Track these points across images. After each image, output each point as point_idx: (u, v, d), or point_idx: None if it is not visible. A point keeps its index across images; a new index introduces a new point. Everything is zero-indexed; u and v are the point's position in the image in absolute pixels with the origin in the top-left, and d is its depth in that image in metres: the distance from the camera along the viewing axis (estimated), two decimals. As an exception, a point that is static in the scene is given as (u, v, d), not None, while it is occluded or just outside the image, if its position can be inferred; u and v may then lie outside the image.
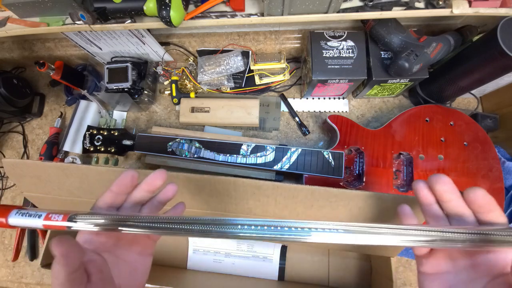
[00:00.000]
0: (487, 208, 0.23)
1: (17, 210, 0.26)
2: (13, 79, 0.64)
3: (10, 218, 0.25)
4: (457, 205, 0.24)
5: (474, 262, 0.24)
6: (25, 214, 0.25)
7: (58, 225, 0.24)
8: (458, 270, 0.24)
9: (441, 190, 0.24)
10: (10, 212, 0.25)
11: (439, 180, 0.24)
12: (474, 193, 0.23)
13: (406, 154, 0.55)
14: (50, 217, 0.25)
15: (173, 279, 0.56)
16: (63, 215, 0.25)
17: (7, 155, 0.71)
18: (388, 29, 0.50)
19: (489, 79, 0.51)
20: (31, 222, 0.25)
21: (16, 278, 0.64)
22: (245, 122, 0.63)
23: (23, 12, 0.46)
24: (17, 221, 0.25)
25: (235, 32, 0.63)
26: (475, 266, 0.24)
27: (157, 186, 0.29)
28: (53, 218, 0.25)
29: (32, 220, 0.25)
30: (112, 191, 0.27)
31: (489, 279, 0.22)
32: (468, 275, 0.24)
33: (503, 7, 0.41)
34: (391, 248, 0.44)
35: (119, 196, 0.27)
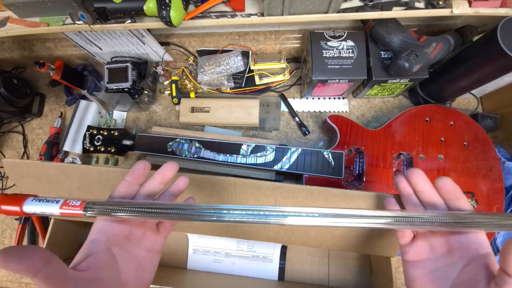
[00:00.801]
0: (455, 195, 0.27)
1: (33, 198, 0.26)
2: (13, 79, 0.64)
3: (25, 205, 0.25)
4: (430, 194, 0.28)
5: (450, 248, 0.27)
6: (42, 200, 0.25)
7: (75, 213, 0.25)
8: (437, 256, 0.27)
9: (415, 181, 0.28)
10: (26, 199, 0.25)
11: (414, 173, 0.29)
12: (442, 181, 0.27)
13: (406, 154, 0.55)
14: (68, 203, 0.25)
15: (173, 279, 0.56)
16: (80, 201, 0.25)
17: (7, 155, 0.71)
18: (388, 29, 0.50)
19: (489, 79, 0.51)
20: (48, 209, 0.25)
21: (16, 278, 0.64)
22: (245, 122, 0.63)
23: (23, 12, 0.46)
24: (32, 208, 0.25)
25: (235, 32, 0.63)
26: (451, 251, 0.26)
27: (169, 178, 0.30)
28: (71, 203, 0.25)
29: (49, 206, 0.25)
30: (126, 181, 0.28)
31: (465, 262, 0.25)
32: (446, 260, 0.26)
33: (503, 7, 0.41)
34: (391, 248, 0.44)
35: (133, 186, 0.29)
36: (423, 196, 0.28)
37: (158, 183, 0.29)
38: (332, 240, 0.44)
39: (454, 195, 0.27)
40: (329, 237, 0.44)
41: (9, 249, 0.20)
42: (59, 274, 0.21)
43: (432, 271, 0.27)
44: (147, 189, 0.29)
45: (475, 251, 0.25)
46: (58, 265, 0.21)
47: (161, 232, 0.31)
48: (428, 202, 0.28)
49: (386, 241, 0.43)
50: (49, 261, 0.21)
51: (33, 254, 0.20)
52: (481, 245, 0.25)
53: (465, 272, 0.24)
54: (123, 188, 0.28)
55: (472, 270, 0.24)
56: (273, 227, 0.43)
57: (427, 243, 0.28)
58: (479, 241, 0.25)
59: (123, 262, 0.27)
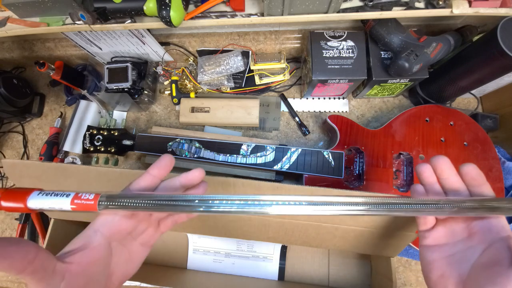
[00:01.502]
0: (479, 181, 0.27)
1: (39, 191, 0.23)
2: (13, 79, 0.64)
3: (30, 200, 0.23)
4: (454, 180, 0.28)
5: (470, 232, 0.27)
6: (50, 194, 0.23)
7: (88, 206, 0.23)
8: (456, 241, 0.27)
9: (442, 168, 0.28)
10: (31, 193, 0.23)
11: (441, 160, 0.29)
12: (467, 167, 0.27)
13: (406, 154, 0.55)
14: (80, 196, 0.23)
15: (173, 279, 0.56)
16: (94, 194, 0.23)
17: (7, 155, 0.71)
18: (388, 29, 0.50)
19: (489, 79, 0.51)
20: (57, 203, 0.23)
21: (16, 278, 0.64)
22: (245, 122, 0.63)
23: (23, 12, 0.46)
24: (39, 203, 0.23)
25: (235, 32, 0.63)
26: (471, 236, 0.26)
27: (193, 183, 0.29)
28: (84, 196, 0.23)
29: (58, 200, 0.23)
30: (150, 174, 0.28)
31: (486, 245, 0.25)
32: (466, 244, 0.27)
33: (503, 7, 0.41)
34: (391, 248, 0.44)
35: (156, 180, 0.28)
36: (447, 183, 0.28)
37: (181, 184, 0.29)
38: (332, 240, 0.44)
39: (478, 181, 0.27)
40: (329, 237, 0.44)
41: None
42: (44, 270, 0.20)
43: (451, 254, 0.27)
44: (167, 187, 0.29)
45: (496, 234, 0.25)
46: (45, 260, 0.21)
47: (161, 228, 0.31)
48: (451, 188, 0.28)
49: (386, 241, 0.43)
50: (35, 257, 0.20)
51: (16, 251, 0.19)
52: (503, 228, 0.25)
53: (486, 254, 0.24)
54: (144, 181, 0.27)
55: (494, 252, 0.24)
56: (272, 226, 0.43)
57: (447, 228, 0.28)
58: (500, 224, 0.26)
59: (116, 255, 0.26)
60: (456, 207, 0.25)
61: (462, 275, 0.25)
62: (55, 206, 0.23)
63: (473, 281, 0.24)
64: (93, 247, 0.24)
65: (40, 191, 0.24)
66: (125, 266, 0.28)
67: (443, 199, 0.25)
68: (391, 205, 0.25)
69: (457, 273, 0.25)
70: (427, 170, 0.29)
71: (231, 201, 0.24)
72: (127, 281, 0.55)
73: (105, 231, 0.26)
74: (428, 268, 0.28)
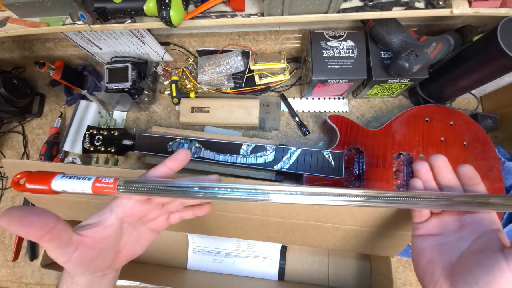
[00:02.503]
0: (475, 181, 0.28)
1: (63, 175, 0.25)
2: (13, 79, 0.64)
3: (54, 181, 0.24)
4: (450, 178, 0.30)
5: (462, 224, 0.28)
6: (73, 176, 0.25)
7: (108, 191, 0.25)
8: (448, 231, 0.29)
9: (439, 166, 0.30)
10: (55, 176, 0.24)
11: (438, 158, 0.30)
12: (465, 168, 0.29)
13: (406, 154, 0.55)
14: (100, 180, 0.25)
15: (173, 279, 0.56)
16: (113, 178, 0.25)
17: (7, 155, 0.71)
18: (388, 29, 0.50)
19: (489, 79, 0.51)
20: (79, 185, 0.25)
21: (16, 278, 0.64)
22: (245, 122, 0.63)
23: (23, 12, 0.46)
24: (62, 185, 0.24)
25: (235, 32, 0.63)
26: (463, 227, 0.28)
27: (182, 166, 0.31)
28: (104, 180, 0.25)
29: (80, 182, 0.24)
30: (167, 165, 0.30)
31: (476, 236, 0.26)
32: (457, 234, 0.28)
33: (503, 7, 0.41)
34: (391, 248, 0.44)
35: (170, 172, 0.30)
36: (443, 180, 0.30)
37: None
38: (332, 240, 0.44)
39: (473, 181, 0.28)
40: (329, 237, 0.44)
41: (13, 211, 0.21)
42: (61, 239, 0.23)
43: (442, 243, 0.28)
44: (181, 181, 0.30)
45: (487, 226, 0.26)
46: (62, 230, 0.23)
47: (170, 219, 0.32)
48: (446, 185, 0.30)
49: (386, 241, 0.43)
50: (54, 226, 0.22)
51: (36, 220, 0.21)
52: (494, 222, 0.27)
53: (475, 243, 0.26)
54: (160, 172, 0.29)
55: (484, 241, 0.25)
56: (272, 226, 0.43)
57: (440, 220, 0.30)
58: (491, 218, 0.27)
59: (126, 236, 0.29)
60: (450, 201, 0.26)
61: (451, 260, 0.26)
62: (77, 188, 0.25)
63: (461, 265, 0.25)
64: (106, 225, 0.27)
65: (63, 174, 0.25)
66: (132, 246, 0.30)
67: (438, 193, 0.27)
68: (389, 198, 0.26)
69: (447, 259, 0.27)
70: (424, 168, 0.31)
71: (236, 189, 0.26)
72: (127, 281, 0.55)
73: (119, 212, 0.28)
74: (418, 255, 0.29)
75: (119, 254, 0.29)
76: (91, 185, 0.25)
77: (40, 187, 0.24)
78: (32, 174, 0.25)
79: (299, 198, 0.26)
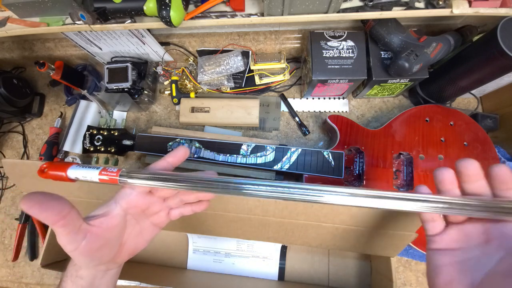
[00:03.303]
0: (509, 185, 0.23)
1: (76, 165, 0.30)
2: (13, 79, 0.64)
3: (69, 169, 0.29)
4: (480, 185, 0.24)
5: (488, 238, 0.24)
6: (84, 166, 0.29)
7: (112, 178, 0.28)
8: (471, 246, 0.25)
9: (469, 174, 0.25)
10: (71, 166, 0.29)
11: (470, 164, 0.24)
12: (499, 168, 0.23)
13: (406, 154, 0.55)
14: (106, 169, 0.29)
15: (173, 279, 0.56)
16: (117, 169, 0.29)
17: (7, 155, 0.71)
18: (388, 29, 0.50)
19: (489, 79, 0.51)
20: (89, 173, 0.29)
21: (16, 278, 0.64)
22: (245, 122, 0.63)
23: (23, 12, 0.46)
24: (75, 173, 0.29)
25: (235, 32, 0.63)
26: (489, 241, 0.24)
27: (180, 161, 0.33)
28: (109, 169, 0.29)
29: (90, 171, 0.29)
30: (166, 160, 0.31)
31: (504, 253, 0.22)
32: (482, 250, 0.24)
33: (503, 7, 0.41)
34: (391, 248, 0.44)
35: (170, 166, 0.32)
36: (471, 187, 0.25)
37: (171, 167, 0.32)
38: (332, 240, 0.44)
39: (507, 185, 0.23)
40: (329, 237, 0.44)
41: (34, 196, 0.22)
42: (73, 225, 0.24)
43: (464, 260, 0.24)
44: None
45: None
46: (75, 218, 0.25)
47: (171, 215, 0.33)
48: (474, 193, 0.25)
49: (386, 241, 0.43)
50: (68, 213, 0.24)
51: (54, 206, 0.23)
52: None
53: (503, 263, 0.22)
54: (161, 166, 0.31)
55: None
56: (272, 226, 0.43)
57: (462, 231, 0.26)
58: None
59: (129, 228, 0.30)
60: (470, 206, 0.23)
61: (474, 282, 0.23)
62: (86, 176, 0.29)
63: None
64: (113, 216, 0.28)
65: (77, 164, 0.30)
66: (135, 239, 0.31)
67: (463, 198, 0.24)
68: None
69: (469, 280, 0.23)
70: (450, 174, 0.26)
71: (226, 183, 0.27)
72: (127, 281, 0.55)
73: (124, 204, 0.29)
74: (435, 272, 0.26)
75: (123, 247, 0.30)
76: (98, 173, 0.29)
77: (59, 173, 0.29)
78: (52, 163, 0.30)
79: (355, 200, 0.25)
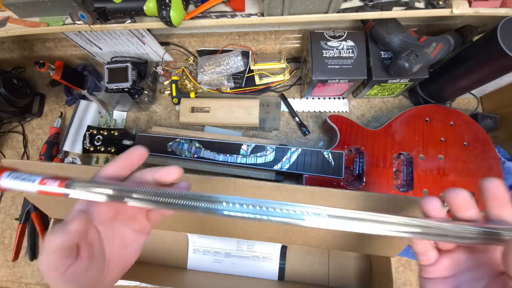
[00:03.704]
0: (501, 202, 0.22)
1: (9, 173, 0.24)
2: (13, 79, 0.64)
3: (1, 180, 0.24)
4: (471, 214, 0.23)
5: (477, 263, 0.24)
6: (18, 177, 0.24)
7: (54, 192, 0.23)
8: (462, 271, 0.25)
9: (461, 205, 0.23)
10: (2, 174, 0.24)
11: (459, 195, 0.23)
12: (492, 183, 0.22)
13: (406, 154, 0.55)
14: (45, 183, 0.23)
15: (173, 279, 0.56)
16: (59, 181, 0.23)
17: (7, 155, 0.71)
18: (388, 29, 0.50)
19: (489, 79, 0.51)
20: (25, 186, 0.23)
21: (16, 278, 0.64)
22: (245, 122, 0.63)
23: (23, 12, 0.46)
24: (9, 184, 0.24)
25: (235, 32, 0.63)
26: (478, 267, 0.24)
27: (167, 181, 0.27)
28: (48, 183, 0.23)
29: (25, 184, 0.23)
30: (116, 164, 0.26)
31: (489, 279, 0.23)
32: (471, 275, 0.24)
33: (503, 7, 0.41)
34: (391, 248, 0.44)
35: (123, 170, 0.26)
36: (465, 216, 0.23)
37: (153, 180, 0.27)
38: (332, 240, 0.44)
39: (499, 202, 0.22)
40: (329, 237, 0.44)
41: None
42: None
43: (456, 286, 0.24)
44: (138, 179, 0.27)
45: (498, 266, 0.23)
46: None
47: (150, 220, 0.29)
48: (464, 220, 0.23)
49: (386, 241, 0.43)
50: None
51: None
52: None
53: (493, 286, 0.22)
54: (111, 170, 0.26)
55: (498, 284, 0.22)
56: (272, 226, 0.43)
57: (452, 259, 0.25)
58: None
59: (108, 239, 0.26)
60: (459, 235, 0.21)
61: None
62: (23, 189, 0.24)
63: None
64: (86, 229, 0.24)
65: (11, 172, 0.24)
66: (120, 252, 0.27)
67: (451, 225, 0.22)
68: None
69: None
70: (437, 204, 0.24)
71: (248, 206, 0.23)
72: (127, 281, 0.55)
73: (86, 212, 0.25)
74: None
75: (109, 264, 0.26)
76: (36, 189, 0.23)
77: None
78: None
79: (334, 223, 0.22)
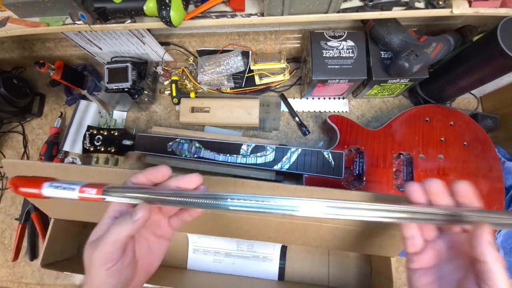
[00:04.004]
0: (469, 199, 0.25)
1: (50, 183, 0.27)
2: (13, 79, 0.64)
3: (43, 189, 0.26)
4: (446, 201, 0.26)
5: (456, 253, 0.26)
6: (59, 186, 0.26)
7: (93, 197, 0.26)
8: (442, 262, 0.27)
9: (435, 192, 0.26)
10: (43, 184, 0.26)
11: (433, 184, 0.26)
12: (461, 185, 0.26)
13: (406, 154, 0.55)
14: (84, 191, 0.26)
15: (173, 279, 0.56)
16: (97, 189, 0.26)
17: (7, 155, 0.71)
18: (388, 29, 0.50)
19: (489, 79, 0.51)
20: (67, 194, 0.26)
21: (16, 278, 0.64)
22: (245, 122, 0.63)
23: (23, 12, 0.46)
24: (52, 193, 0.26)
25: (235, 32, 0.63)
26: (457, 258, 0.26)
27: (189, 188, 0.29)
28: (87, 191, 0.26)
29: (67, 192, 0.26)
30: (145, 175, 0.29)
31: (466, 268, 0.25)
32: (452, 266, 0.26)
33: (503, 7, 0.41)
34: (392, 248, 0.44)
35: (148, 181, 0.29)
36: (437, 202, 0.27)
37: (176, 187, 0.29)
38: (332, 240, 0.44)
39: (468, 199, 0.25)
40: (329, 237, 0.44)
41: None
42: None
43: (439, 277, 0.26)
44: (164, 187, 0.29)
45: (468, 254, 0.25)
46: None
47: (171, 224, 0.32)
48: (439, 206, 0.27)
49: (386, 241, 0.43)
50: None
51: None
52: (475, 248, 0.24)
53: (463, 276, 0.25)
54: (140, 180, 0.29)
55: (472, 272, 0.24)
56: (272, 226, 0.43)
57: (434, 249, 0.27)
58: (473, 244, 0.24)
59: (136, 243, 0.29)
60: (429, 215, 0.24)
61: None
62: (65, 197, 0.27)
63: None
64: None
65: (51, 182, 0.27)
66: (147, 256, 0.30)
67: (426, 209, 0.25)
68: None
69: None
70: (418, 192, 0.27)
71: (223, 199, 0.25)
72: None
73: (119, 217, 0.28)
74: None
75: (137, 265, 0.29)
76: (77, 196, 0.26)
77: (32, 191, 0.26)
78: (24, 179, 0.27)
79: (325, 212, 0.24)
